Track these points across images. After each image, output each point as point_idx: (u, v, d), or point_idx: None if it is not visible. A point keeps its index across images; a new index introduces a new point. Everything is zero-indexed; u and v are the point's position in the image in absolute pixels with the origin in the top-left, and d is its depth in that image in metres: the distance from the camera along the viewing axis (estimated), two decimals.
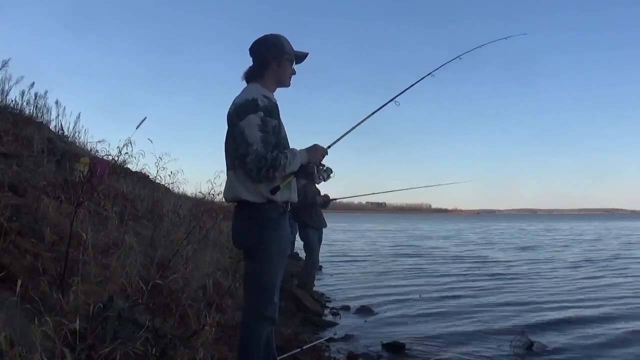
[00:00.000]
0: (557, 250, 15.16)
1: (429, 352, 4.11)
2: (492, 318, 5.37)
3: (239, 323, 2.67)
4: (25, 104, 8.24)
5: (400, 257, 12.55)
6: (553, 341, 4.43)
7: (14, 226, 3.07)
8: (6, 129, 6.18)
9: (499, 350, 4.19)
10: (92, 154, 7.05)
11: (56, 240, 3.25)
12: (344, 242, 18.77)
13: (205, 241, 4.93)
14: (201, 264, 4.25)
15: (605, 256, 12.79)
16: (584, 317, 5.48)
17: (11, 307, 2.20)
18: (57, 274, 2.75)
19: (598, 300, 6.49)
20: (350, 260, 11.74)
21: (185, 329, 2.97)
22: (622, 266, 10.55)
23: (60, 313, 2.37)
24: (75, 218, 2.92)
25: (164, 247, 4.20)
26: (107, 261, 3.28)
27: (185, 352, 2.60)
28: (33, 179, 4.49)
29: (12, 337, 1.98)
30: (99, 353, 2.19)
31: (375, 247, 16.64)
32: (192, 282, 3.79)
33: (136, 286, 3.07)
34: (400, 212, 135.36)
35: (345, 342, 4.31)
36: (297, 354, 3.41)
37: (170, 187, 7.81)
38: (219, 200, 7.73)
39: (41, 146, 5.96)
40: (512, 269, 10.09)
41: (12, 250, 2.87)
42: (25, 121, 7.49)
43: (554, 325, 5.07)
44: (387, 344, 4.21)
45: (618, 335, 4.68)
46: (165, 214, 5.67)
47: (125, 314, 2.45)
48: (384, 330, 4.81)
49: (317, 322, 5.00)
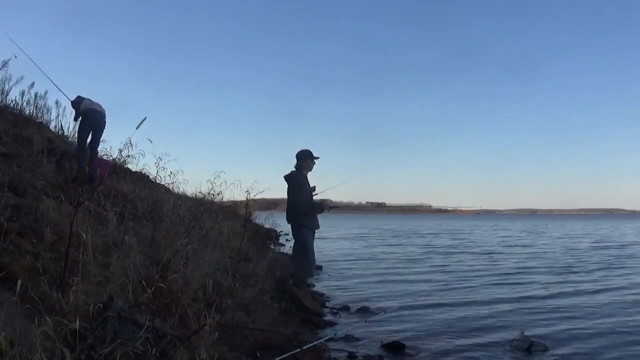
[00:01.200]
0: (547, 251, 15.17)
1: (429, 353, 4.11)
2: (492, 318, 5.38)
3: (238, 323, 2.67)
4: (25, 104, 8.26)
5: (400, 258, 12.55)
6: (553, 341, 4.43)
7: (14, 226, 3.07)
8: (6, 129, 6.18)
9: (499, 350, 4.20)
10: None
11: (56, 240, 3.25)
12: (349, 241, 18.93)
13: (205, 241, 4.92)
14: (201, 264, 4.25)
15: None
16: (584, 317, 5.49)
17: (11, 307, 2.20)
18: (57, 274, 2.75)
19: (599, 300, 6.50)
20: (350, 260, 11.74)
21: (185, 329, 2.96)
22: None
23: (60, 313, 2.36)
24: (75, 218, 2.91)
25: (164, 247, 4.19)
26: (107, 261, 3.28)
27: (185, 352, 2.60)
28: (33, 179, 4.49)
29: (12, 337, 1.98)
30: (99, 353, 2.19)
31: (378, 247, 16.64)
32: (192, 282, 3.78)
33: (136, 286, 3.07)
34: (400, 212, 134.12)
35: (346, 342, 4.32)
36: (297, 354, 3.40)
37: (170, 187, 7.80)
38: (219, 200, 7.74)
39: (41, 146, 5.97)
40: (513, 269, 10.09)
41: (12, 250, 2.87)
42: (25, 121, 7.50)
43: (555, 325, 5.07)
44: (387, 344, 4.21)
45: (620, 335, 4.69)
46: (165, 214, 5.66)
47: (125, 314, 2.44)
48: (384, 330, 4.81)
49: (317, 322, 5.00)
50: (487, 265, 10.61)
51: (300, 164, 6.32)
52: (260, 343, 3.51)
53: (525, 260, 11.79)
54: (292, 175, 6.29)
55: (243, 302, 4.30)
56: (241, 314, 3.99)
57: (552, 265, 10.60)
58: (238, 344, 3.36)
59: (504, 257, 12.44)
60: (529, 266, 10.51)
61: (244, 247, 5.41)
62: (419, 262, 11.30)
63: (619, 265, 10.72)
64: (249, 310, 4.21)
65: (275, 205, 29.50)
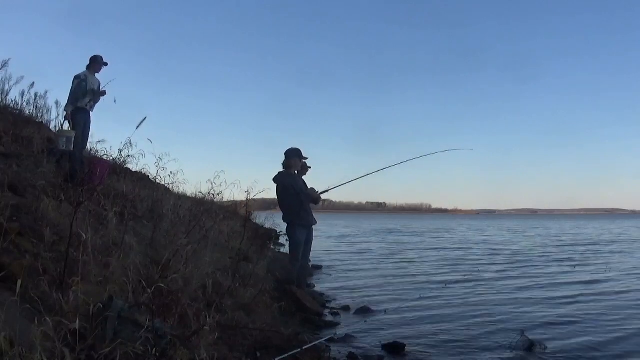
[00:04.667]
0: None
1: (429, 353, 4.11)
2: (492, 318, 5.38)
3: (238, 323, 2.67)
4: (25, 104, 8.28)
5: (400, 257, 12.55)
6: (553, 341, 4.43)
7: (14, 226, 3.06)
8: (6, 129, 6.19)
9: (499, 350, 4.19)
10: (92, 155, 7.06)
11: (56, 240, 3.25)
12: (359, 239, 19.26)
13: (205, 241, 4.92)
14: (201, 264, 4.25)
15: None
16: (585, 317, 5.49)
17: (11, 307, 2.20)
18: (57, 274, 2.75)
19: (600, 300, 6.50)
20: (351, 260, 11.74)
21: (185, 329, 2.96)
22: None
23: (60, 313, 2.36)
24: (75, 218, 2.91)
25: (164, 247, 4.19)
26: (107, 261, 3.28)
27: (185, 352, 2.60)
28: (33, 179, 4.49)
29: (12, 337, 1.97)
30: (99, 353, 2.18)
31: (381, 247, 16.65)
32: (192, 282, 3.78)
33: (136, 286, 3.07)
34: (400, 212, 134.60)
35: (346, 343, 4.31)
36: (297, 354, 3.40)
37: (170, 187, 7.81)
38: (219, 200, 7.75)
39: (41, 146, 5.97)
40: (512, 268, 10.09)
41: (12, 250, 2.87)
42: (25, 121, 7.50)
43: (555, 325, 5.07)
44: (387, 344, 4.21)
45: (620, 335, 4.69)
46: (165, 214, 5.67)
47: (125, 314, 2.44)
48: (384, 330, 4.81)
49: (317, 322, 5.00)
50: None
51: (289, 162, 6.12)
52: (260, 343, 3.50)
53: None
54: (282, 175, 6.13)
55: (243, 302, 4.30)
56: (241, 314, 3.99)
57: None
58: (238, 344, 3.35)
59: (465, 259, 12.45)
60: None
61: (244, 247, 5.41)
62: (418, 262, 11.32)
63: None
64: (249, 310, 4.21)
65: (275, 205, 29.37)
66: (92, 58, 6.26)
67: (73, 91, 6.07)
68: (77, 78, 6.10)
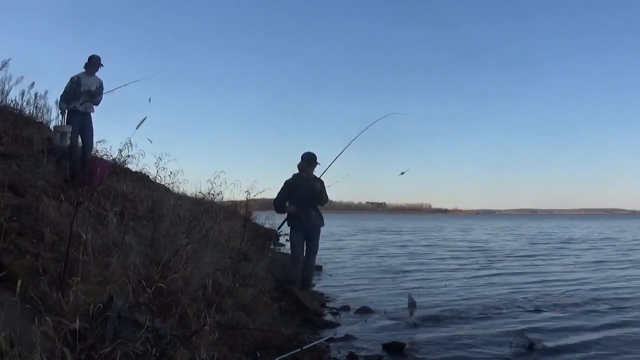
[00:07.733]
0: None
1: (429, 352, 4.11)
2: (492, 318, 5.38)
3: (238, 323, 2.68)
4: (25, 104, 8.28)
5: (400, 258, 12.55)
6: (554, 341, 4.43)
7: (14, 226, 3.07)
8: (6, 129, 6.19)
9: (499, 350, 4.19)
10: (92, 155, 7.06)
11: (56, 240, 3.25)
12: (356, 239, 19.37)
13: (205, 241, 4.92)
14: (201, 264, 4.25)
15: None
16: (585, 316, 5.49)
17: (11, 307, 2.20)
18: (57, 274, 2.75)
19: (600, 300, 6.50)
20: (350, 260, 11.73)
21: (185, 329, 2.96)
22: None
23: (60, 313, 2.36)
24: (75, 218, 2.91)
25: (164, 247, 4.19)
26: (107, 261, 3.28)
27: (185, 352, 2.60)
28: (33, 179, 4.49)
29: (12, 337, 1.98)
30: (99, 353, 2.19)
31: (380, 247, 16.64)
32: (192, 282, 3.79)
33: (136, 286, 3.07)
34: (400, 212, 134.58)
35: (346, 342, 4.31)
36: (297, 354, 3.40)
37: (170, 187, 7.81)
38: (219, 200, 7.74)
39: (41, 146, 5.97)
40: (513, 269, 10.09)
41: (12, 250, 2.87)
42: (25, 121, 7.51)
43: (555, 325, 5.07)
44: (387, 344, 4.21)
45: (620, 335, 4.69)
46: (165, 214, 5.67)
47: (125, 314, 2.44)
48: (384, 330, 4.81)
49: (317, 322, 5.00)
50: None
51: (311, 168, 6.29)
52: (260, 343, 3.51)
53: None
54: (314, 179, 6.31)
55: (243, 302, 4.30)
56: (241, 314, 3.99)
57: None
58: (238, 344, 3.36)
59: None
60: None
61: (244, 247, 5.41)
62: (417, 261, 11.32)
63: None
64: (249, 310, 4.21)
65: None
66: (88, 58, 6.27)
67: (65, 92, 6.07)
68: (70, 80, 6.10)
